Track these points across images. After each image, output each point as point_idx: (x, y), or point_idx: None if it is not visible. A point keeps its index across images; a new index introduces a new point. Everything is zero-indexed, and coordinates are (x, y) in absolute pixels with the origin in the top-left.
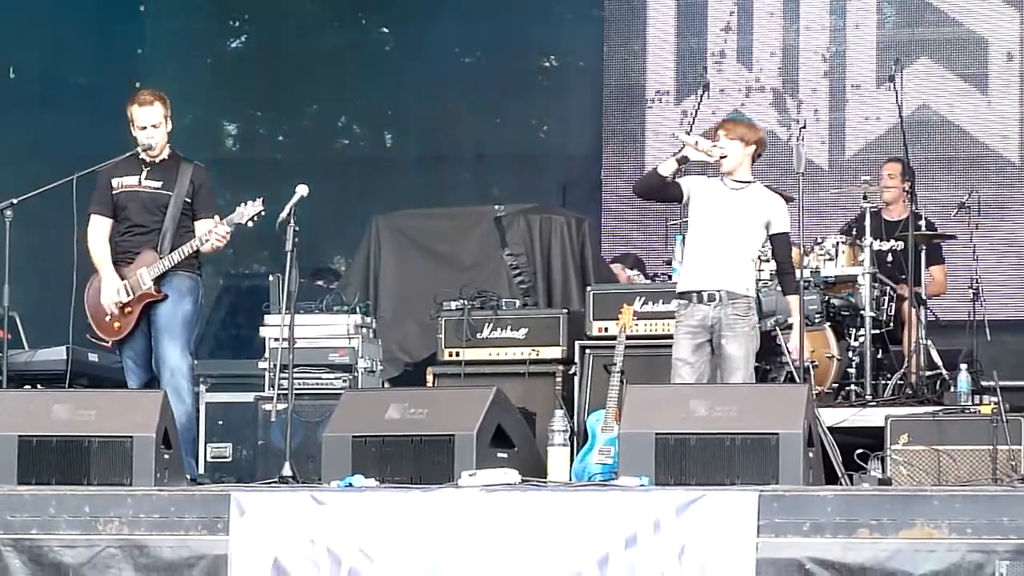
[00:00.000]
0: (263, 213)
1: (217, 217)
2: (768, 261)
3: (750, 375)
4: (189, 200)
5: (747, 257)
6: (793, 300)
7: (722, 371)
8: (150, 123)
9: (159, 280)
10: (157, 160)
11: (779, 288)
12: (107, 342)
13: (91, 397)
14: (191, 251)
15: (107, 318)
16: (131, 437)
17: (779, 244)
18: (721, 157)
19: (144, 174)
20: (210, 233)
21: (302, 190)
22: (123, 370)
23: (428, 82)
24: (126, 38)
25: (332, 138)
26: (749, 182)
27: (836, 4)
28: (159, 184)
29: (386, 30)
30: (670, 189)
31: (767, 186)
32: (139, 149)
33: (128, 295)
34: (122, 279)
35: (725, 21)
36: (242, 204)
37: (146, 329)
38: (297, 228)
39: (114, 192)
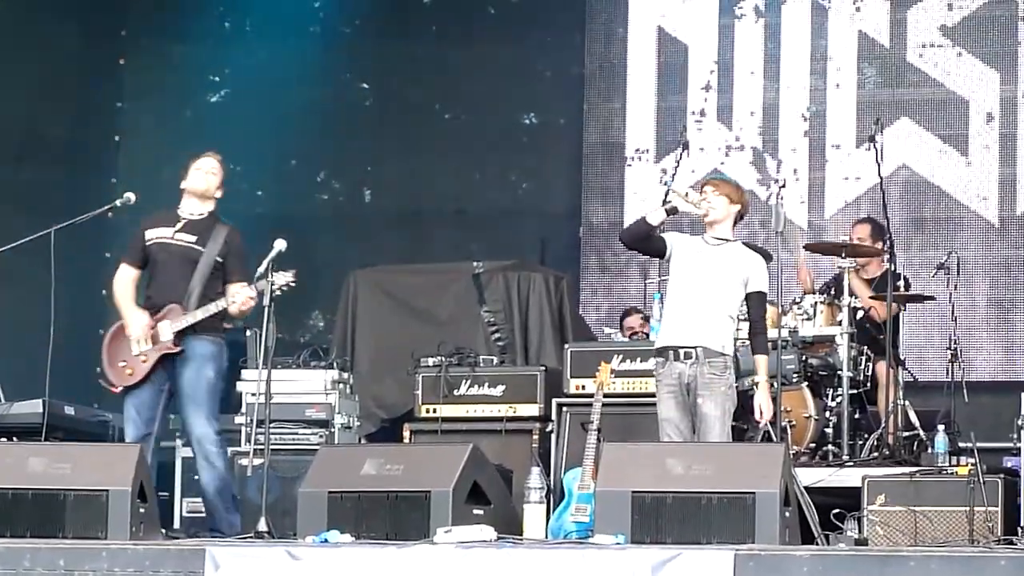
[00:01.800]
0: (293, 284)
1: (246, 283)
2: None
3: (726, 434)
4: (221, 260)
5: (725, 314)
6: (760, 360)
7: (698, 431)
8: (209, 169)
9: (180, 336)
10: (195, 216)
11: None
12: (116, 387)
13: (67, 450)
14: (217, 310)
15: (121, 363)
16: (107, 491)
17: (754, 303)
18: (708, 211)
19: (179, 227)
20: (238, 295)
21: (280, 245)
22: (104, 423)
23: (407, 138)
24: (106, 91)
25: (311, 193)
26: (729, 240)
27: (817, 64)
28: (193, 239)
29: (366, 86)
30: (655, 242)
31: (747, 244)
32: (180, 207)
33: (147, 344)
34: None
35: (705, 80)
36: (268, 274)
37: (157, 383)
38: (275, 283)
39: (147, 242)
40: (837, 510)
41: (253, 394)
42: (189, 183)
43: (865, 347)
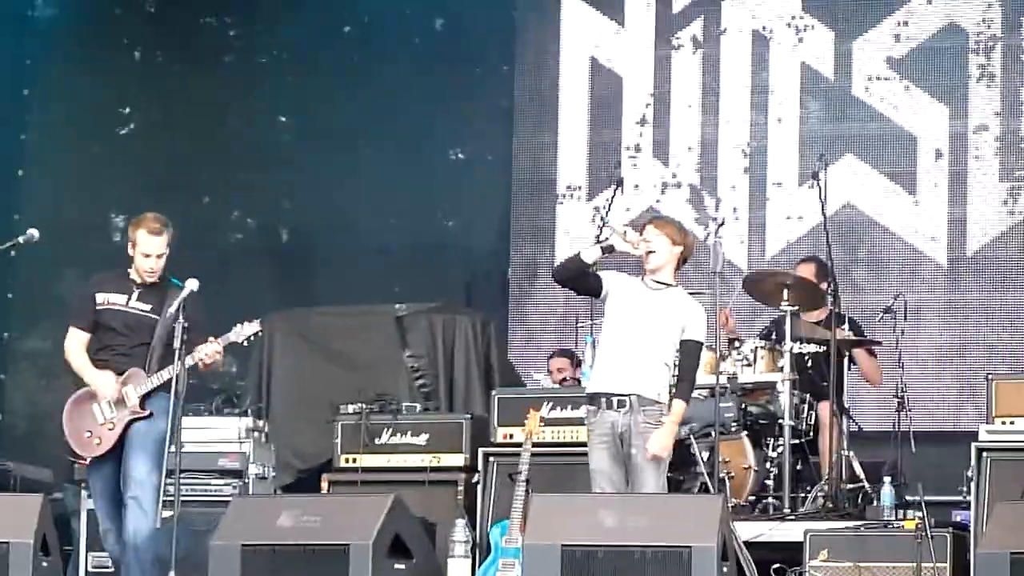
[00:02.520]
0: (260, 333)
1: (212, 338)
2: None
3: (661, 485)
4: (186, 324)
5: (661, 361)
6: (677, 403)
7: (631, 481)
8: (156, 252)
9: (144, 398)
10: (148, 283)
11: (695, 396)
12: (85, 460)
13: None
14: (179, 370)
15: (87, 434)
16: (7, 543)
17: (687, 351)
18: (648, 252)
19: (134, 295)
20: (204, 349)
21: (192, 284)
22: (4, 472)
23: (327, 173)
24: (8, 123)
25: (225, 231)
26: (670, 285)
27: (758, 97)
28: (148, 308)
29: (283, 118)
30: (591, 280)
31: (690, 293)
32: (131, 272)
33: (112, 411)
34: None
35: (640, 114)
36: (238, 324)
37: (118, 450)
38: (186, 325)
39: (98, 307)
40: (777, 565)
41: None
42: (140, 265)
43: (807, 395)
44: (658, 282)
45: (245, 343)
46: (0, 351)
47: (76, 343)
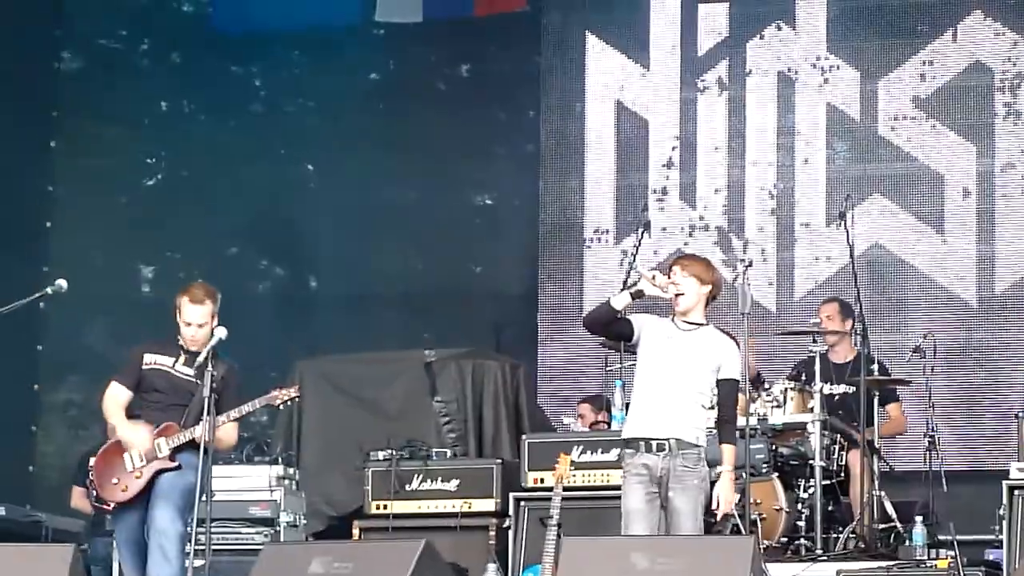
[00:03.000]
0: (298, 399)
1: (223, 418)
2: (714, 408)
3: (698, 530)
4: (217, 395)
5: (698, 403)
6: (727, 449)
7: (669, 524)
8: (197, 322)
9: (174, 452)
10: (193, 350)
11: None
12: (110, 506)
13: None
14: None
15: (114, 482)
16: None
17: (726, 391)
18: (677, 295)
19: (181, 360)
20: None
21: (221, 333)
22: (36, 524)
23: (355, 220)
24: (36, 175)
25: (253, 280)
26: (701, 324)
27: (784, 139)
28: (192, 373)
29: (311, 167)
30: (621, 325)
31: (720, 329)
32: (180, 337)
33: (142, 460)
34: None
35: (667, 156)
36: (276, 389)
37: (144, 501)
38: (215, 373)
39: (144, 367)
40: None
41: None
42: (184, 334)
43: (838, 435)
44: (689, 322)
45: (281, 406)
46: (31, 403)
47: (113, 395)
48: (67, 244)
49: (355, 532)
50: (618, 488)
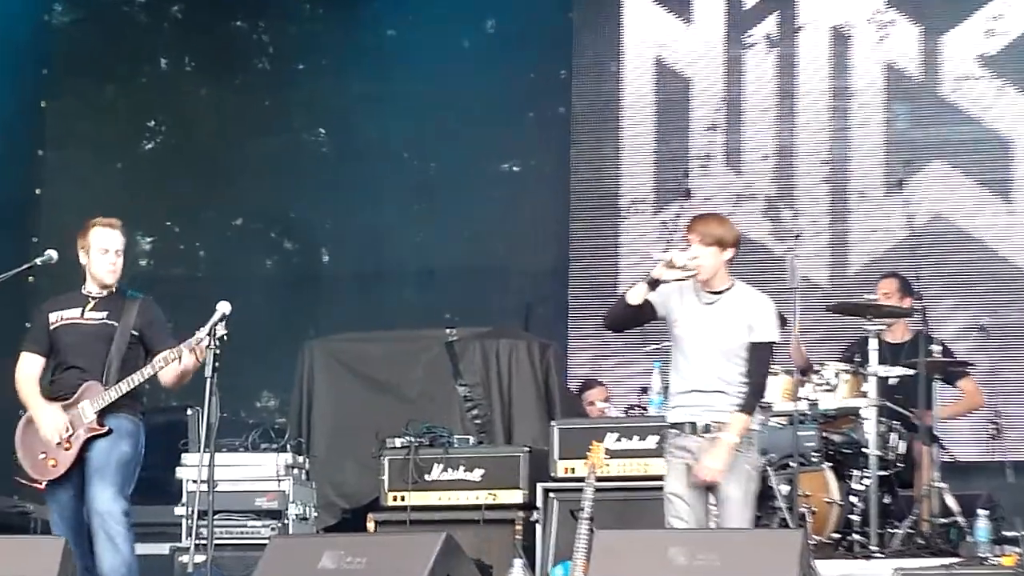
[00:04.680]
0: (224, 320)
1: (181, 345)
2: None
3: (748, 520)
4: (136, 334)
5: (738, 381)
6: (737, 417)
7: (718, 515)
8: (115, 247)
9: (102, 414)
10: (103, 294)
11: (772, 424)
12: (40, 484)
13: None
14: (142, 379)
15: (41, 456)
16: None
17: (755, 355)
18: (698, 267)
19: (89, 307)
20: (164, 357)
21: (223, 307)
22: (24, 515)
23: (370, 189)
24: (25, 138)
25: (260, 254)
26: (725, 289)
27: (839, 101)
28: (103, 315)
29: (322, 131)
30: (643, 314)
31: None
32: (84, 286)
33: (67, 429)
34: None
35: (710, 119)
36: (199, 329)
37: (80, 470)
38: (218, 352)
39: (52, 327)
40: None
41: (195, 481)
42: (94, 270)
43: (895, 421)
44: (712, 292)
45: (210, 344)
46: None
47: (26, 367)
48: (58, 213)
49: (370, 525)
50: (656, 478)
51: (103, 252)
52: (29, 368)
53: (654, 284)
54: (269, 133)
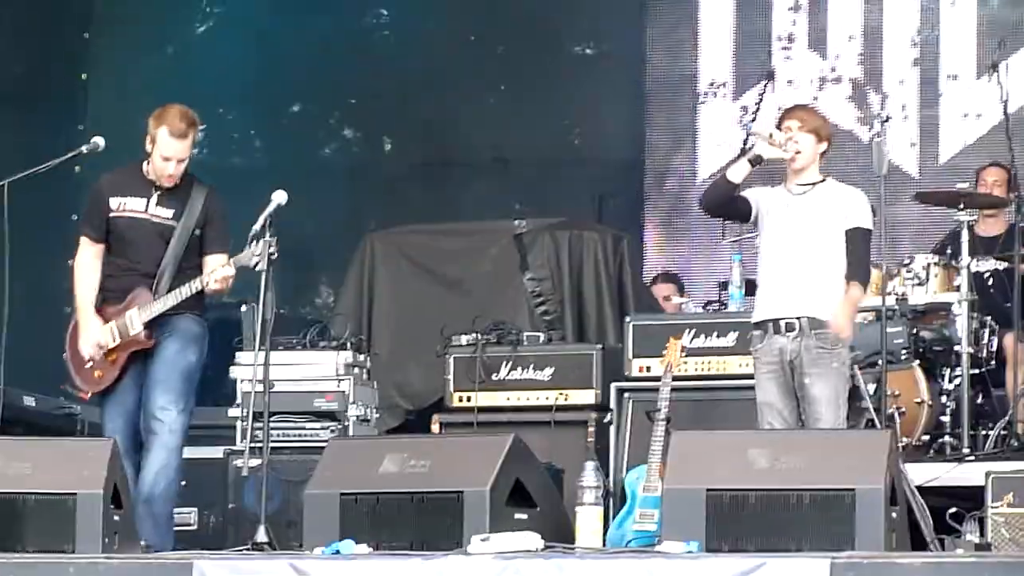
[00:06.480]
0: (275, 256)
1: (226, 257)
2: None
3: (839, 422)
4: (199, 232)
5: (832, 275)
6: (854, 288)
7: (806, 415)
8: (177, 157)
9: (151, 325)
10: (169, 184)
11: (858, 319)
12: (85, 393)
13: (26, 447)
14: (191, 292)
15: (87, 365)
16: (74, 494)
17: (854, 239)
18: (796, 153)
19: (154, 199)
20: (216, 272)
21: (279, 197)
22: (71, 416)
23: (435, 74)
24: (69, 20)
25: (319, 143)
26: (818, 181)
27: None
28: (170, 213)
29: (384, 12)
30: (739, 203)
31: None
32: (147, 166)
33: (114, 340)
34: (107, 320)
35: None
36: (251, 244)
37: (134, 382)
38: (274, 246)
39: (112, 214)
40: (954, 510)
41: (249, 381)
42: (159, 169)
43: (988, 317)
44: (803, 184)
45: (258, 267)
46: (63, 280)
47: (85, 258)
48: (105, 99)
49: (434, 427)
50: (735, 377)
51: (164, 159)
52: (85, 257)
53: (756, 160)
54: (328, 13)
